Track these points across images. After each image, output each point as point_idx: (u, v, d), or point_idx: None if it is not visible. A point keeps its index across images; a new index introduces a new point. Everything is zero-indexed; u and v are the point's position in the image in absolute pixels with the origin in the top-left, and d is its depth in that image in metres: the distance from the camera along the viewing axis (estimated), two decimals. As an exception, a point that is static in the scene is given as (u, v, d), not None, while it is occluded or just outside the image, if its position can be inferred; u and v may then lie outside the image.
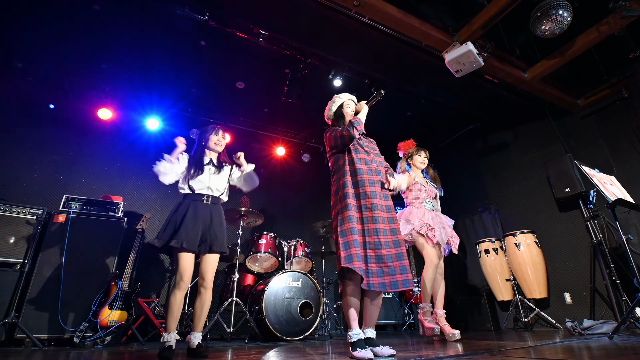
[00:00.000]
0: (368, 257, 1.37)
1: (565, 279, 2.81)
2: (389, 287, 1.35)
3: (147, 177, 3.29)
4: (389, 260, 1.37)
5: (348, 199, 1.44)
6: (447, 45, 2.39)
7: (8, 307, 2.09)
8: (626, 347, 1.37)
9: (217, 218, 1.68)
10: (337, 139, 1.56)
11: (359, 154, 1.54)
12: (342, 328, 3.10)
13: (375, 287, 1.33)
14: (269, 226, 3.55)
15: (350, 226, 1.39)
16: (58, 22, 2.52)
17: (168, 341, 1.48)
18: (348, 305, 1.38)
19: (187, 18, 2.36)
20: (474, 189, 3.71)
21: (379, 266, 1.36)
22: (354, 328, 1.36)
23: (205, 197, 1.68)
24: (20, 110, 2.95)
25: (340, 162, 1.56)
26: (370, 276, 1.34)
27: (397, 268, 1.38)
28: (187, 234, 1.54)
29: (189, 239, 1.53)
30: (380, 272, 1.36)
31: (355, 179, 1.49)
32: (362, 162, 1.52)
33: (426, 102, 3.30)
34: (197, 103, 3.50)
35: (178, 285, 1.54)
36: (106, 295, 2.28)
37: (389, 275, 1.36)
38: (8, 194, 2.62)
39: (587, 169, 2.07)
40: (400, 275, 1.37)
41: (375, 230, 1.40)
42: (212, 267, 1.64)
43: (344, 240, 1.38)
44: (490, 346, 1.58)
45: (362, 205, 1.44)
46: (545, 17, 2.19)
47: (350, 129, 1.49)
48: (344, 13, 2.22)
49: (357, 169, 1.49)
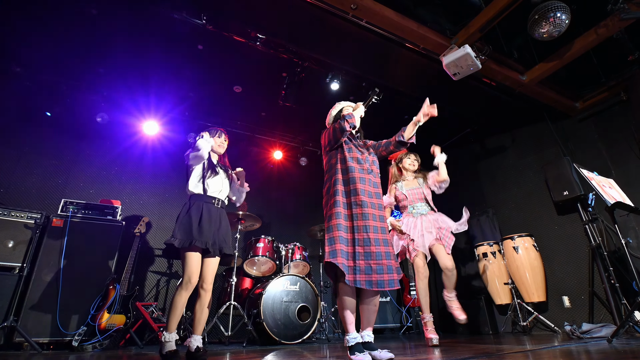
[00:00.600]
0: (357, 253, 1.35)
1: (563, 282, 2.80)
2: (375, 286, 1.32)
3: (145, 181, 3.30)
4: (378, 258, 1.35)
5: (337, 196, 1.44)
6: (444, 49, 2.39)
7: (7, 311, 2.09)
8: (625, 350, 1.36)
9: (225, 222, 1.74)
10: (330, 134, 1.58)
11: (352, 153, 1.55)
12: (339, 332, 3.10)
13: (362, 285, 1.30)
14: (266, 230, 3.56)
15: (337, 222, 1.39)
16: (55, 26, 2.53)
17: (170, 341, 1.49)
18: (343, 306, 1.36)
19: (184, 22, 2.36)
20: (472, 192, 3.70)
21: (367, 263, 1.34)
22: (351, 332, 1.34)
23: (216, 201, 1.72)
24: (18, 114, 2.96)
25: (333, 160, 1.57)
26: (357, 273, 1.31)
27: (385, 267, 1.36)
28: (207, 235, 1.59)
29: (209, 240, 1.58)
30: (368, 269, 1.33)
31: (347, 176, 1.49)
32: (355, 160, 1.53)
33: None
34: (194, 107, 3.50)
35: (185, 286, 1.55)
36: (104, 299, 2.28)
37: (376, 273, 1.33)
38: (6, 198, 2.63)
39: (586, 172, 2.06)
40: (387, 274, 1.35)
41: (365, 227, 1.38)
42: (214, 269, 1.68)
43: (330, 236, 1.38)
44: (488, 350, 1.58)
45: (352, 202, 1.43)
46: (543, 20, 2.18)
47: (342, 122, 1.51)
48: (341, 16, 2.22)
49: (349, 167, 1.50)
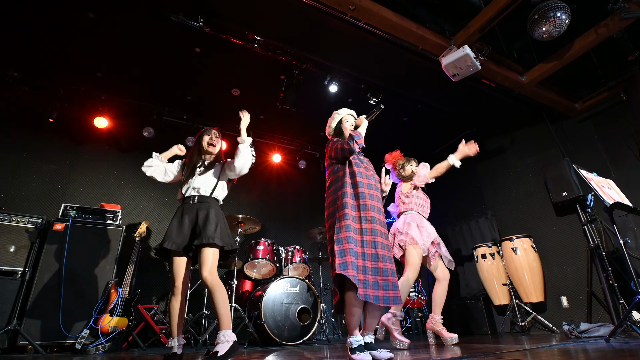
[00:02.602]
0: (366, 268, 1.37)
1: (562, 282, 2.81)
2: (382, 302, 1.36)
3: (144, 186, 3.30)
4: (385, 274, 1.39)
5: (347, 209, 1.44)
6: (443, 49, 2.37)
7: (10, 315, 2.12)
8: (623, 349, 1.36)
9: (203, 214, 1.60)
10: (337, 151, 1.57)
11: (360, 168, 1.56)
12: (339, 333, 3.13)
13: (371, 300, 1.33)
14: (266, 233, 3.57)
15: (347, 235, 1.40)
16: (52, 30, 2.52)
17: (171, 346, 1.51)
18: (352, 315, 1.38)
19: (181, 25, 2.35)
20: (471, 193, 3.69)
21: (375, 279, 1.37)
22: (355, 335, 1.38)
23: (191, 198, 1.66)
24: (17, 119, 2.96)
25: (340, 173, 1.56)
26: (366, 287, 1.34)
27: (391, 284, 1.39)
28: (169, 235, 1.55)
29: (170, 239, 1.54)
30: (375, 285, 1.36)
31: (356, 191, 1.50)
32: (363, 176, 1.54)
33: (423, 107, 3.28)
34: (193, 110, 3.49)
35: (172, 290, 1.56)
36: (106, 302, 2.30)
37: (383, 289, 1.37)
38: (7, 203, 2.64)
39: (585, 173, 2.06)
40: (392, 291, 1.39)
41: (374, 243, 1.41)
42: (203, 260, 1.52)
43: (340, 248, 1.38)
44: (487, 349, 1.59)
45: (362, 217, 1.45)
46: (543, 20, 2.16)
47: (350, 143, 1.51)
48: (339, 18, 2.20)
49: (358, 182, 1.50)
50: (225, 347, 1.41)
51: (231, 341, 1.43)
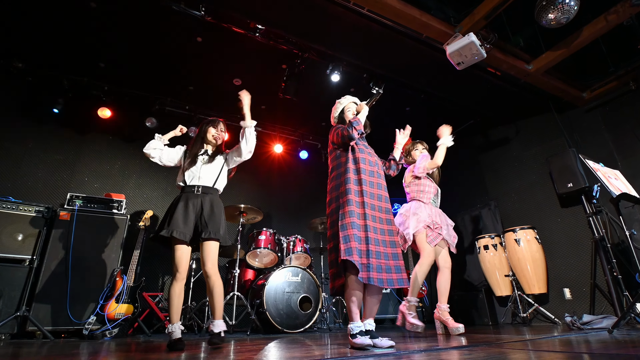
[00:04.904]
0: (370, 251, 1.39)
1: (565, 274, 2.80)
2: (386, 284, 1.39)
3: (148, 175, 3.33)
4: (386, 258, 1.43)
5: (350, 195, 1.46)
6: (448, 37, 2.33)
7: (19, 301, 2.17)
8: (625, 341, 1.36)
9: (208, 206, 1.65)
10: (339, 137, 1.60)
11: (363, 154, 1.58)
12: (340, 322, 3.16)
13: (374, 282, 1.36)
14: (268, 222, 3.59)
15: (351, 220, 1.41)
16: (55, 20, 2.52)
17: (173, 332, 1.52)
18: (351, 299, 1.41)
19: (183, 14, 2.33)
20: (474, 184, 3.66)
21: (378, 262, 1.40)
22: (356, 321, 1.40)
23: (195, 188, 1.68)
24: (22, 110, 2.99)
25: (342, 159, 1.58)
26: (370, 270, 1.37)
27: (393, 267, 1.43)
28: (177, 224, 1.57)
29: (178, 228, 1.56)
30: (379, 268, 1.39)
31: (359, 177, 1.51)
32: (366, 162, 1.57)
33: (426, 96, 3.23)
34: (195, 100, 3.49)
35: (174, 276, 1.59)
36: (112, 290, 2.35)
37: (385, 272, 1.41)
38: (14, 193, 2.68)
39: (592, 163, 2.03)
40: (395, 274, 1.42)
41: (375, 229, 1.46)
42: (208, 253, 1.62)
43: (345, 234, 1.40)
44: (488, 339, 1.60)
45: (365, 202, 1.47)
46: (551, 6, 2.11)
47: (349, 129, 1.53)
48: (342, 5, 2.17)
49: (361, 168, 1.53)
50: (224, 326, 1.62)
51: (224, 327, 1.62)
